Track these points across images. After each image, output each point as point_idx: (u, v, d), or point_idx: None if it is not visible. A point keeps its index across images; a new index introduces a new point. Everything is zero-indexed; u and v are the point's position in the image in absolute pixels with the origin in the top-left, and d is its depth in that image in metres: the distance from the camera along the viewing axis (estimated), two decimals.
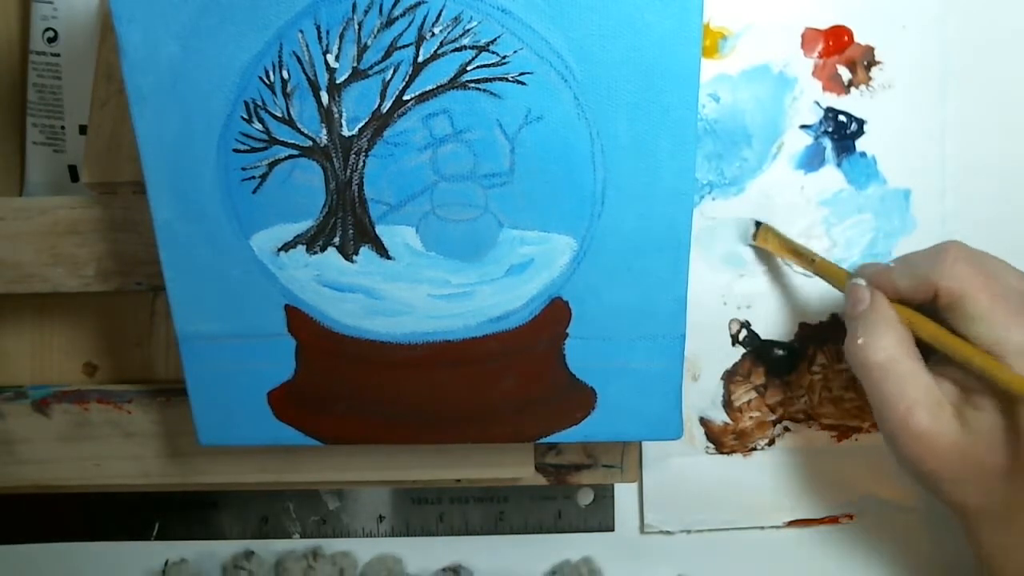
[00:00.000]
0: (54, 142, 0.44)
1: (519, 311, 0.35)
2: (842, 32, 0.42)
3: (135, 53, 0.32)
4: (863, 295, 0.36)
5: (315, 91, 0.32)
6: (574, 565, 0.46)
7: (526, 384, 0.37)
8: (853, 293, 0.36)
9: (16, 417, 0.41)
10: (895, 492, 0.45)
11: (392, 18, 0.32)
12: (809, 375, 0.44)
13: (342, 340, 0.36)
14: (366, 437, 0.38)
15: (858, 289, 0.36)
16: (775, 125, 0.42)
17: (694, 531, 0.46)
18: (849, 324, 0.36)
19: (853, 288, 0.36)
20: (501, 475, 0.42)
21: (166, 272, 0.35)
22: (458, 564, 0.46)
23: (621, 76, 0.32)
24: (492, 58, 0.32)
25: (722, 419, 0.44)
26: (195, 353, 0.36)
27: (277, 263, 0.35)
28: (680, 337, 0.36)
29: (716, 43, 0.42)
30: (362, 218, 0.34)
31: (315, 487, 0.46)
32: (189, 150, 0.33)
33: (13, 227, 0.39)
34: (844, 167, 0.42)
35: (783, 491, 0.45)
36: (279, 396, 0.37)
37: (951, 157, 0.42)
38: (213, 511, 0.46)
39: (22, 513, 0.47)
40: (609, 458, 0.44)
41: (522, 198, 0.34)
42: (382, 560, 0.46)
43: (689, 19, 0.31)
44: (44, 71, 0.44)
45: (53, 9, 0.43)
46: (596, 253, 0.34)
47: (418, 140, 0.33)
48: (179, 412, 0.41)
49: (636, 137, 0.33)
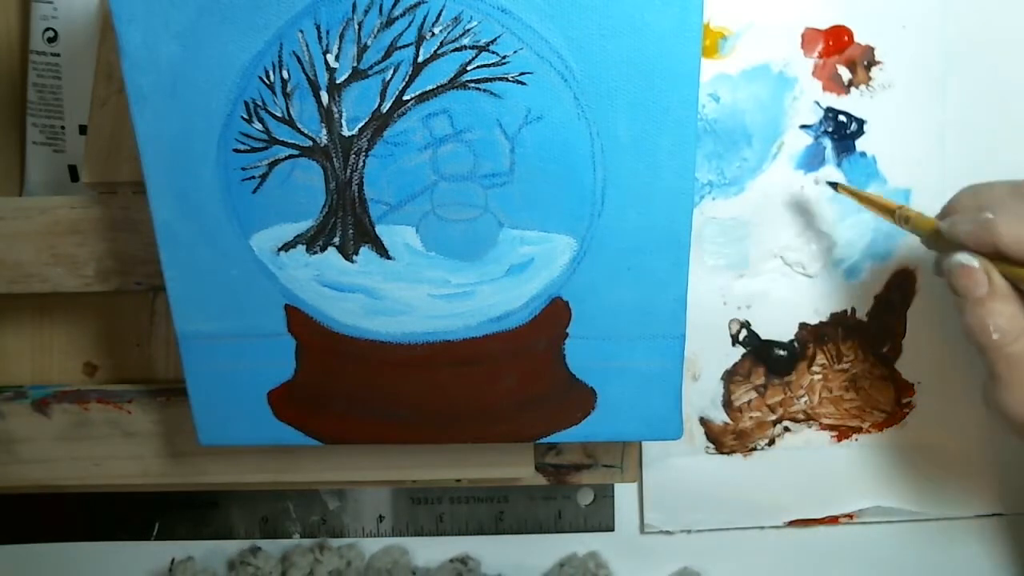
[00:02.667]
0: (54, 142, 0.44)
1: (519, 311, 0.35)
2: (842, 32, 0.42)
3: (135, 53, 0.32)
4: (979, 278, 0.32)
5: (315, 91, 0.32)
6: (581, 559, 0.46)
7: (526, 384, 0.37)
8: (966, 275, 0.33)
9: (16, 417, 0.41)
10: (895, 492, 0.45)
11: (392, 18, 0.32)
12: (809, 375, 0.44)
13: (342, 340, 0.36)
14: (366, 437, 0.38)
15: (972, 272, 0.32)
16: (775, 125, 0.42)
17: (694, 531, 0.46)
18: (968, 308, 0.33)
19: (965, 270, 0.33)
20: (501, 475, 0.42)
21: (166, 272, 0.35)
22: (465, 555, 0.46)
23: (621, 76, 0.32)
24: (492, 58, 0.32)
25: (722, 419, 0.44)
26: (195, 353, 0.36)
27: (277, 263, 0.35)
28: (680, 337, 0.36)
29: (716, 43, 0.42)
30: (362, 218, 0.34)
31: (315, 487, 0.46)
32: (189, 150, 0.33)
33: (13, 227, 0.39)
34: (844, 167, 0.42)
35: (783, 491, 0.45)
36: (279, 396, 0.37)
37: (951, 157, 0.42)
38: (213, 511, 0.46)
39: (22, 513, 0.47)
40: (609, 458, 0.44)
41: (522, 198, 0.34)
42: (388, 551, 0.46)
43: (689, 19, 0.31)
44: (44, 71, 0.44)
45: (53, 9, 0.43)
46: (596, 253, 0.34)
47: (418, 140, 0.33)
48: (179, 412, 0.41)
49: (636, 137, 0.33)
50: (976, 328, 0.33)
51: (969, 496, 0.45)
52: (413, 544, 0.46)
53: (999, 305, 0.32)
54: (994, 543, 0.46)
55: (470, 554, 0.46)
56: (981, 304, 0.32)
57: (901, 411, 0.44)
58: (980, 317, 0.32)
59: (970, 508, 0.45)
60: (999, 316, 0.32)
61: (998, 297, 0.32)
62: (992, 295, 0.32)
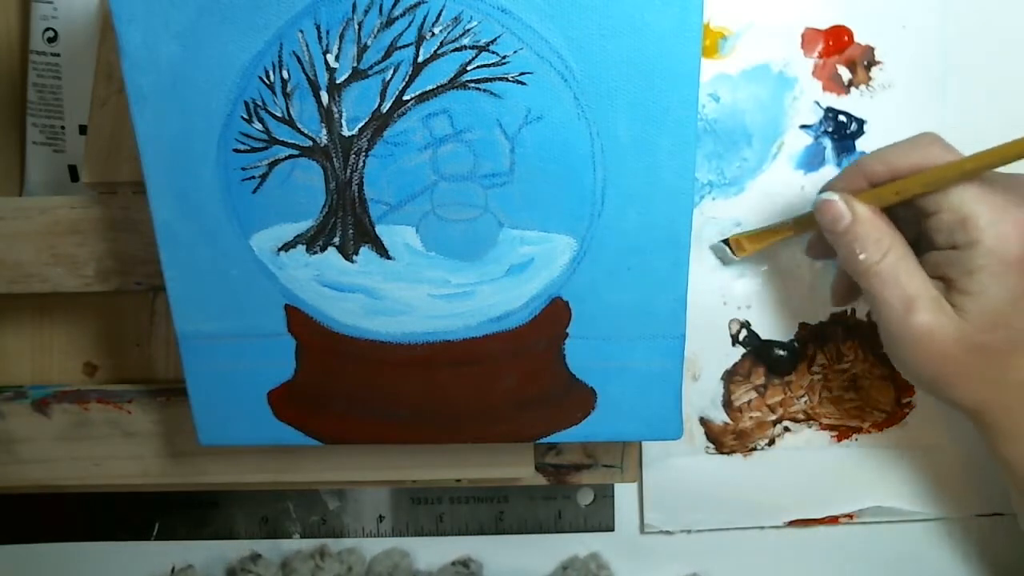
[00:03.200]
0: (54, 142, 0.44)
1: (519, 311, 0.35)
2: (842, 32, 0.42)
3: (135, 53, 0.32)
4: (840, 210, 0.35)
5: (315, 91, 0.32)
6: (583, 561, 0.46)
7: (526, 384, 0.37)
8: (829, 210, 0.35)
9: (16, 417, 0.41)
10: (895, 492, 0.45)
11: (392, 18, 0.32)
12: (809, 375, 0.44)
13: (342, 340, 0.36)
14: (366, 437, 0.38)
15: (832, 205, 0.35)
16: (775, 125, 0.42)
17: (694, 531, 0.46)
18: (837, 240, 0.36)
19: (826, 204, 0.36)
20: (501, 475, 0.42)
21: (166, 272, 0.35)
22: (467, 557, 0.46)
23: (621, 76, 0.32)
24: (492, 58, 0.32)
25: (722, 419, 0.44)
26: (195, 353, 0.36)
27: (277, 263, 0.35)
28: (680, 337, 0.36)
29: (716, 43, 0.42)
30: (362, 218, 0.34)
31: (315, 487, 0.46)
32: (189, 150, 0.33)
33: (13, 227, 0.39)
34: (844, 167, 0.42)
35: (783, 491, 0.45)
36: (279, 396, 0.37)
37: None
38: (213, 511, 0.46)
39: (22, 513, 0.47)
40: (609, 458, 0.44)
41: (522, 198, 0.34)
42: (389, 555, 0.46)
43: (689, 19, 0.31)
44: (44, 71, 0.44)
45: (53, 9, 0.43)
46: (596, 253, 0.34)
47: (418, 140, 0.33)
48: (179, 412, 0.41)
49: (636, 137, 0.33)
50: (847, 256, 0.36)
51: (969, 496, 0.45)
52: (413, 544, 0.46)
53: (862, 228, 0.35)
54: (994, 543, 0.46)
55: (471, 555, 0.46)
56: (847, 232, 0.35)
57: (901, 411, 0.44)
58: (848, 243, 0.35)
59: (970, 508, 0.45)
60: (865, 239, 0.35)
61: (860, 222, 0.35)
62: (856, 221, 0.35)
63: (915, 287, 0.34)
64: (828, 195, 0.36)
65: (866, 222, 0.35)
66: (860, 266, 0.35)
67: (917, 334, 0.34)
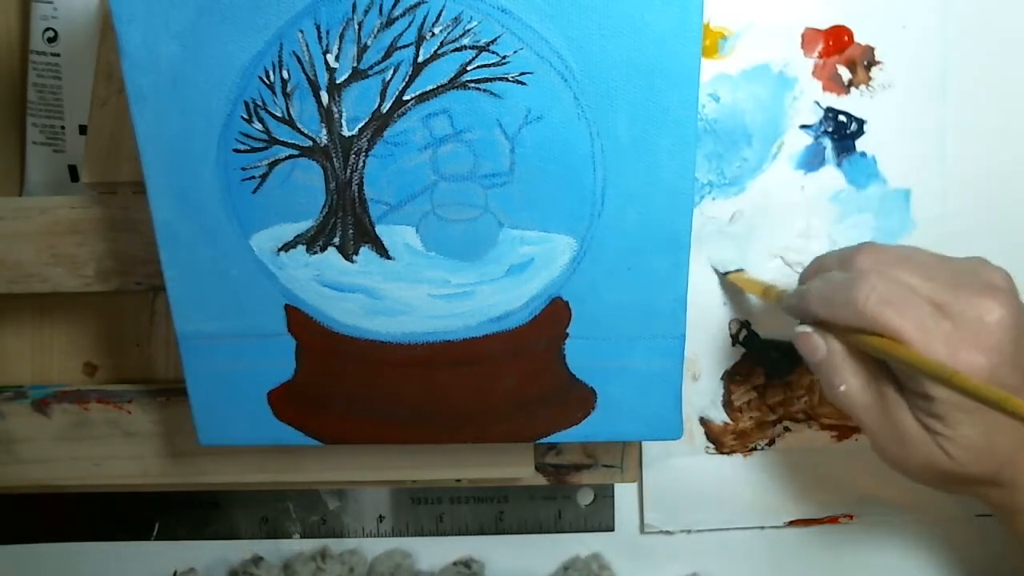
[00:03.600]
0: (54, 142, 0.44)
1: (519, 311, 0.35)
2: (842, 32, 0.42)
3: (135, 53, 0.32)
4: (816, 343, 0.34)
5: (315, 91, 0.32)
6: (584, 561, 0.46)
7: (526, 384, 0.37)
8: (805, 342, 0.35)
9: (16, 417, 0.41)
10: (895, 492, 0.45)
11: (392, 18, 0.32)
12: (809, 375, 0.44)
13: (342, 340, 0.36)
14: (366, 437, 0.38)
15: (808, 338, 0.34)
16: (775, 125, 0.42)
17: (694, 531, 0.46)
18: (816, 370, 0.35)
19: (802, 337, 0.35)
20: (501, 475, 0.42)
21: (166, 272, 0.35)
22: (469, 557, 0.46)
23: (621, 76, 0.32)
24: (492, 58, 0.32)
25: (722, 419, 0.44)
26: (195, 353, 0.36)
27: (277, 263, 0.35)
28: (680, 337, 0.36)
29: (716, 43, 0.42)
30: (362, 218, 0.34)
31: (315, 487, 0.46)
32: (189, 150, 0.33)
33: (13, 227, 0.39)
34: (844, 167, 0.42)
35: (783, 491, 0.45)
36: (279, 396, 0.37)
37: (951, 157, 0.42)
38: (213, 511, 0.46)
39: (22, 513, 0.47)
40: (609, 458, 0.44)
41: (522, 198, 0.34)
42: (390, 555, 0.46)
43: (689, 19, 0.31)
44: (44, 71, 0.44)
45: (53, 9, 0.43)
46: (596, 253, 0.34)
47: (418, 140, 0.33)
48: (179, 412, 0.41)
49: (636, 137, 0.33)
50: (825, 384, 0.35)
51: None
52: (413, 544, 0.46)
53: (837, 362, 0.34)
54: (994, 543, 0.46)
55: (472, 555, 0.46)
56: (823, 364, 0.34)
57: None
58: (826, 374, 0.34)
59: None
60: (842, 371, 0.34)
61: (834, 355, 0.34)
62: (831, 356, 0.34)
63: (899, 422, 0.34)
64: (803, 328, 0.35)
65: (841, 358, 0.34)
66: (839, 397, 0.34)
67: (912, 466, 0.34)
